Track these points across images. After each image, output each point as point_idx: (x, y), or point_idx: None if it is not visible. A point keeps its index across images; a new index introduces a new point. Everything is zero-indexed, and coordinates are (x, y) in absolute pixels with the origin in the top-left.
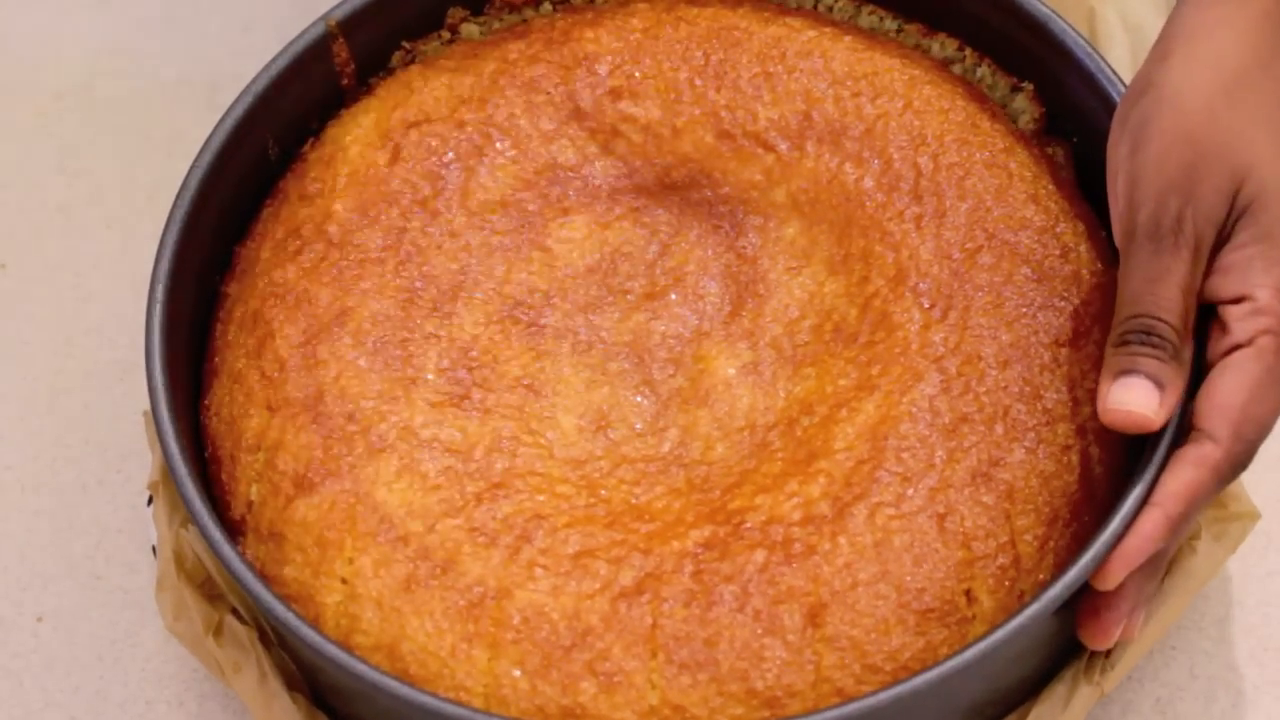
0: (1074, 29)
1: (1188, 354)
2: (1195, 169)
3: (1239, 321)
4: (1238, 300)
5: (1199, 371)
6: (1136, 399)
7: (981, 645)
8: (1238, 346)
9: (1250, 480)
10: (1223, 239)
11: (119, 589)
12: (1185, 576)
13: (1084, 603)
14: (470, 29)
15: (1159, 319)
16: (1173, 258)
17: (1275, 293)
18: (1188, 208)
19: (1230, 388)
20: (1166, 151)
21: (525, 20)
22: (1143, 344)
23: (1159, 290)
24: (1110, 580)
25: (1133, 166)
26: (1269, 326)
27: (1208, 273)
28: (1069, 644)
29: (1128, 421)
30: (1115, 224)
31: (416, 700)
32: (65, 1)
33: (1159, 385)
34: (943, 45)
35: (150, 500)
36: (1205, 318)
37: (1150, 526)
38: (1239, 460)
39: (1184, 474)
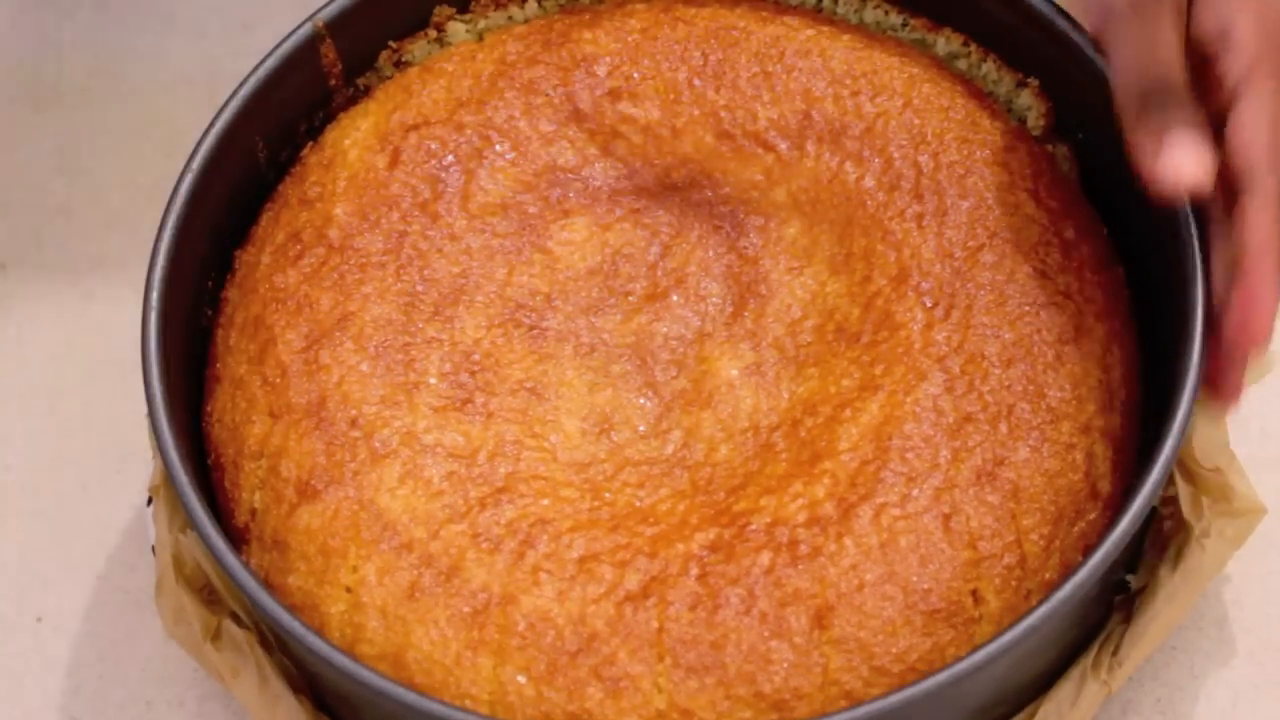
0: (1078, 24)
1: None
2: None
3: (1227, 62)
4: (1220, 35)
5: None
6: (1189, 160)
7: (992, 646)
8: (1238, 86)
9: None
10: None
11: (119, 589)
12: (1193, 574)
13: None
14: (456, 27)
15: (1170, 79)
16: (1158, 23)
17: (1253, 19)
18: None
19: (1250, 127)
20: None
21: (511, 18)
22: (1166, 105)
23: (1158, 54)
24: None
25: None
26: (1256, 55)
27: None
28: (1077, 643)
29: (1188, 183)
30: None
31: (422, 707)
32: (65, 2)
33: (1198, 140)
34: (947, 40)
35: (150, 500)
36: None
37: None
38: None
39: (1259, 224)
